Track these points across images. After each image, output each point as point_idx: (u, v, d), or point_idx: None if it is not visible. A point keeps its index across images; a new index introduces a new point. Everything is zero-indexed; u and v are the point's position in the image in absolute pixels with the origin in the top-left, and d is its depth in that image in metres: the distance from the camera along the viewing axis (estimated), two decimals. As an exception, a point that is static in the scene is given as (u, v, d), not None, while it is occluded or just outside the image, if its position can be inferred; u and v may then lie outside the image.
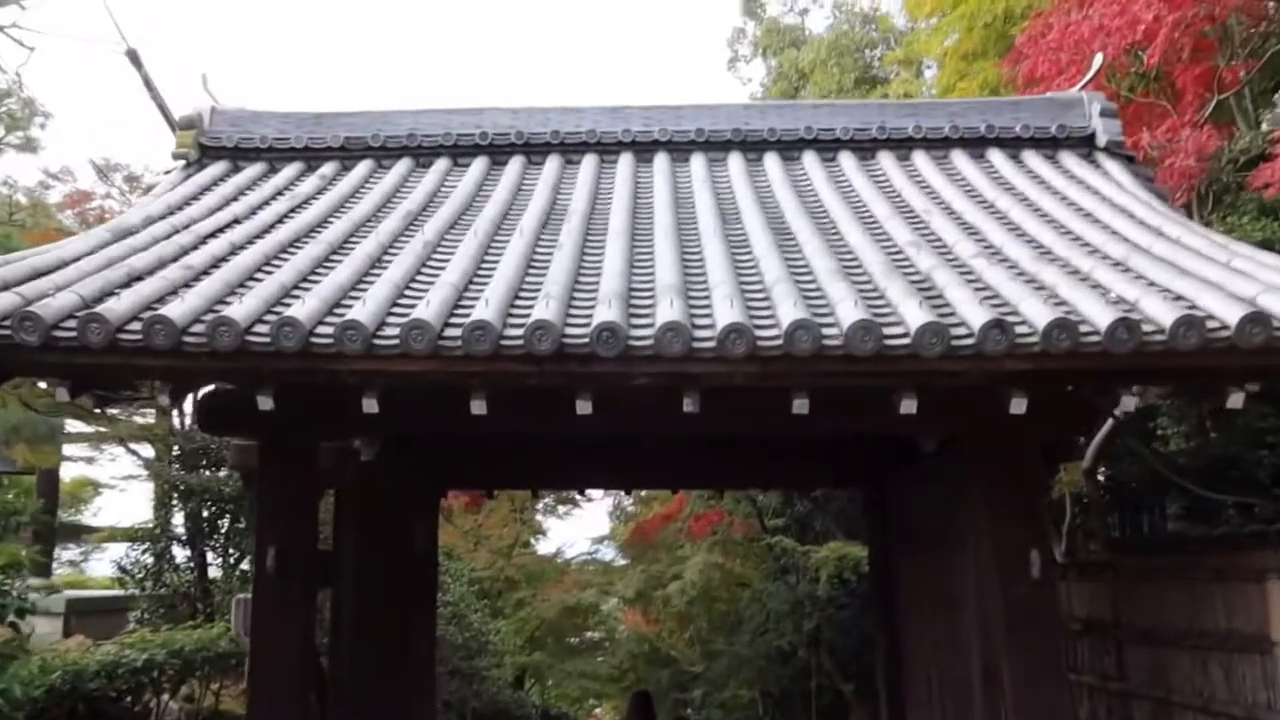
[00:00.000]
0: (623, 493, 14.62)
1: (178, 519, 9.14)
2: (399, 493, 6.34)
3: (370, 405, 3.97)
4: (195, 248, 4.79)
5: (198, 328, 3.74)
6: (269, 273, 4.49)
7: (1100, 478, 7.81)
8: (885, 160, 6.32)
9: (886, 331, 3.66)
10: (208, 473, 8.73)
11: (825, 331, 3.66)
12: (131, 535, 9.67)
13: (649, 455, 6.59)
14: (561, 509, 16.90)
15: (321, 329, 3.79)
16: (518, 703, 18.71)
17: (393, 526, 6.16)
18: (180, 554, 9.09)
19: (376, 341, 3.74)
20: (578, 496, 16.94)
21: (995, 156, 6.28)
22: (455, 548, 13.17)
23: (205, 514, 8.76)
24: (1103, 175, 5.97)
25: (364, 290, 4.15)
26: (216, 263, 4.57)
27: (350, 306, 3.94)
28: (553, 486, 7.53)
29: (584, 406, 3.94)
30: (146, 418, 11.20)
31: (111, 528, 12.36)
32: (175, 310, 3.78)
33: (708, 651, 16.95)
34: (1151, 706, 6.32)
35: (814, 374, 3.77)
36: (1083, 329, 3.68)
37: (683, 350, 3.63)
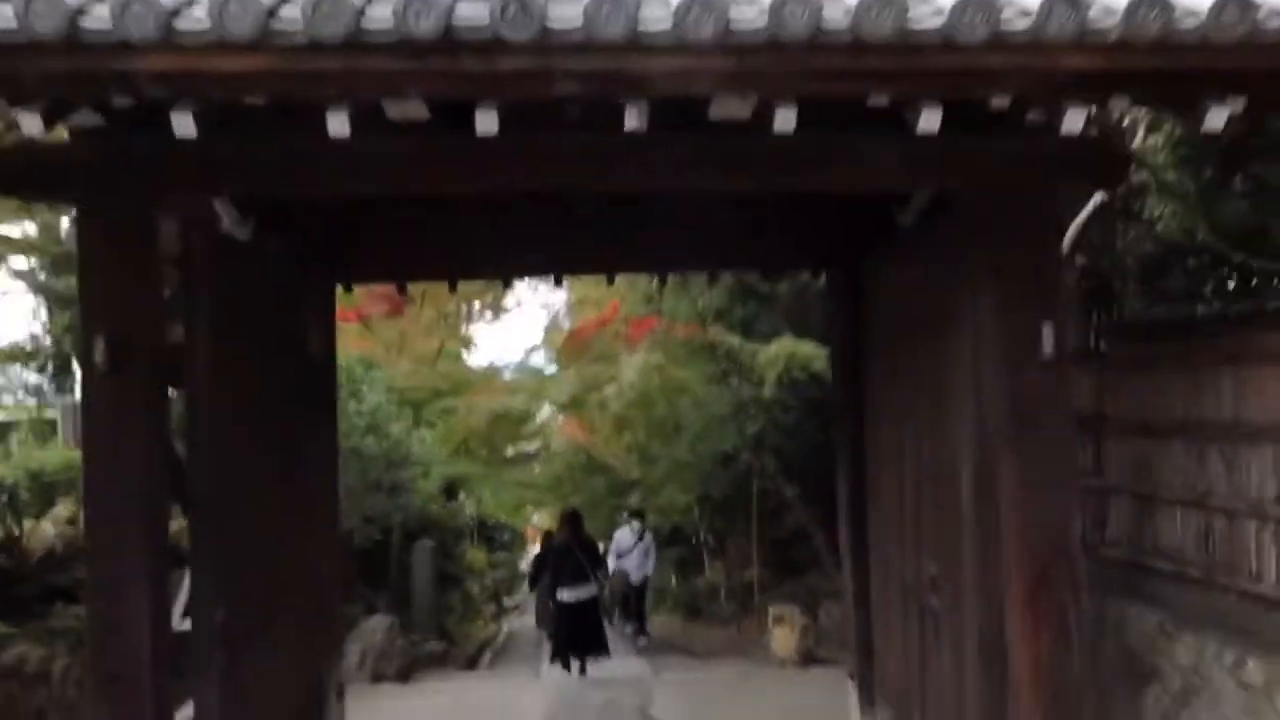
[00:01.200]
0: (556, 301, 13.78)
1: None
2: (283, 283, 5.24)
3: (184, 125, 2.82)
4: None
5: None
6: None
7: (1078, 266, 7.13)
8: None
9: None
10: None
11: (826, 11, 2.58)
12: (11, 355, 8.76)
13: (584, 235, 5.57)
14: (489, 315, 15.96)
15: (97, 9, 2.59)
16: (450, 514, 18.33)
17: (276, 324, 5.09)
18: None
19: (178, 25, 2.57)
20: (506, 300, 16.06)
21: None
22: (374, 357, 12.22)
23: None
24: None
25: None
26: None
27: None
28: (472, 275, 6.45)
29: (486, 123, 2.84)
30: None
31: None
32: None
33: (645, 458, 16.59)
34: (1133, 503, 5.78)
35: (806, 73, 2.71)
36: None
37: (625, 34, 2.53)
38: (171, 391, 4.24)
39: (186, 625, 4.17)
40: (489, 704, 7.56)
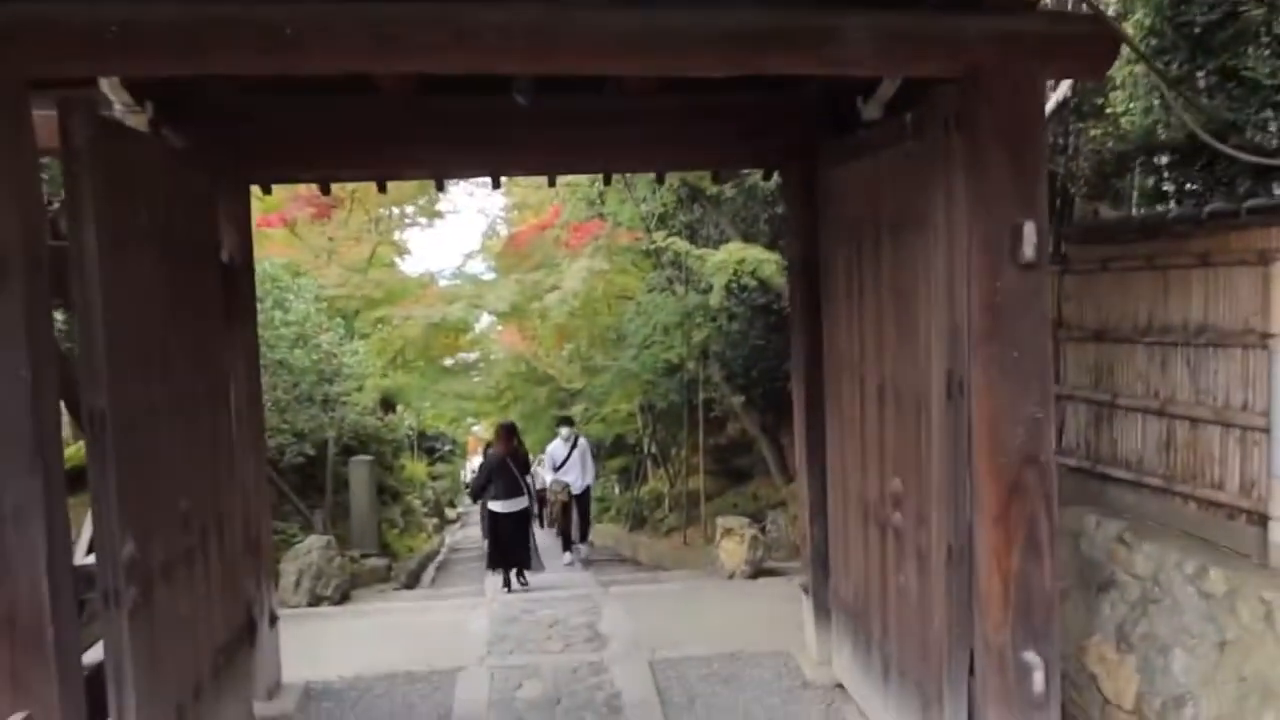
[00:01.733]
0: (493, 206, 13.16)
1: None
2: (188, 181, 4.71)
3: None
4: None
5: None
6: None
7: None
8: None
9: None
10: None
11: None
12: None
13: (523, 131, 5.12)
14: (423, 221, 15.25)
15: None
16: (389, 427, 17.91)
17: (182, 226, 4.58)
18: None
19: None
20: (440, 205, 15.36)
21: None
22: (301, 264, 11.58)
23: None
24: None
25: None
26: None
27: None
28: (401, 175, 5.91)
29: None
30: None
31: None
32: None
33: (588, 368, 16.31)
34: (1091, 410, 5.64)
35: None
36: None
37: None
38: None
39: (92, 560, 3.78)
40: (433, 624, 7.33)
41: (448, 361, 23.42)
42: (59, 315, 4.66)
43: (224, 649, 4.86)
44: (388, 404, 19.30)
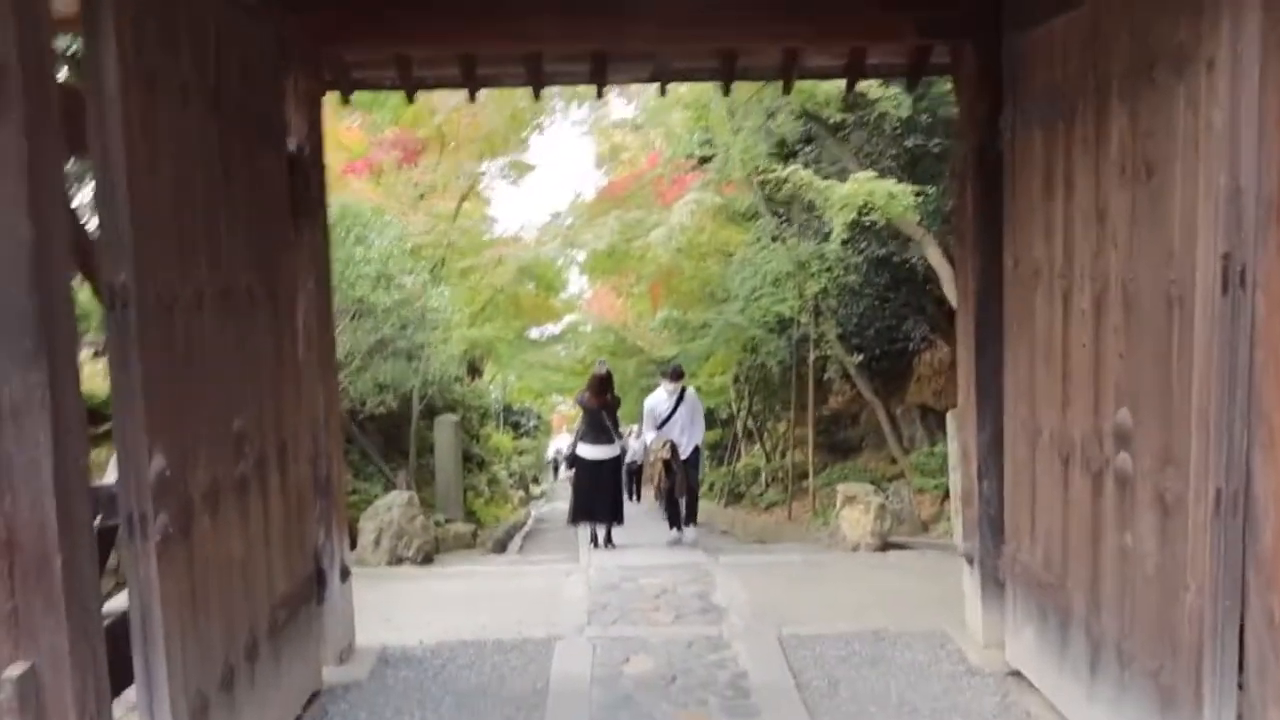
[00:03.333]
0: (584, 158, 12.30)
1: None
2: (251, 44, 3.95)
3: None
4: None
5: None
6: None
7: None
8: None
9: None
10: None
11: None
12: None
13: (629, 19, 4.26)
14: (512, 176, 14.46)
15: None
16: (475, 392, 17.32)
17: (240, 95, 3.82)
18: None
19: None
20: (529, 156, 14.53)
21: None
22: (386, 209, 10.91)
23: None
24: None
25: None
26: None
27: None
28: (494, 46, 5.02)
29: None
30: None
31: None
32: None
33: (683, 331, 15.42)
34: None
35: None
36: None
37: None
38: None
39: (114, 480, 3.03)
40: (525, 589, 6.54)
41: (534, 333, 22.83)
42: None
43: (286, 602, 4.11)
44: (474, 369, 18.76)
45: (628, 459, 10.38)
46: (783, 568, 7.18)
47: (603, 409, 8.78)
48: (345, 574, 4.89)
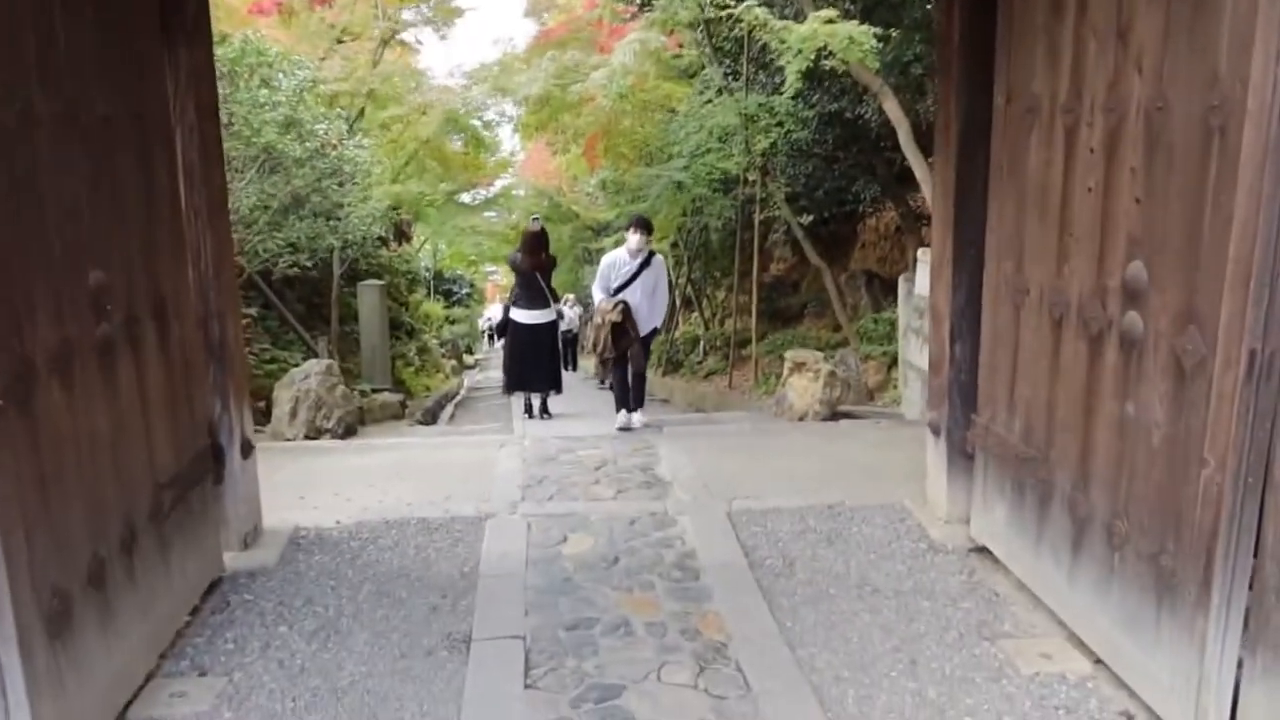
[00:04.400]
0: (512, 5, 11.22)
1: None
2: None
3: None
4: None
5: None
6: None
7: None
8: None
9: None
10: None
11: None
12: None
13: None
14: (438, 22, 13.26)
15: None
16: (402, 257, 16.51)
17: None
18: None
19: None
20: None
21: None
22: (297, 52, 9.84)
23: None
24: None
25: None
26: None
27: None
28: None
29: None
30: None
31: None
32: None
33: (620, 193, 14.71)
34: None
35: None
36: None
37: None
38: None
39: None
40: (454, 462, 6.09)
41: (465, 199, 21.81)
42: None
43: (174, 483, 3.57)
44: (401, 234, 17.84)
45: (563, 327, 9.86)
46: (730, 438, 6.83)
47: (537, 270, 8.18)
48: (247, 449, 4.34)
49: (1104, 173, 3.25)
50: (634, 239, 7.13)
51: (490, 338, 27.47)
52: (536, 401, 8.55)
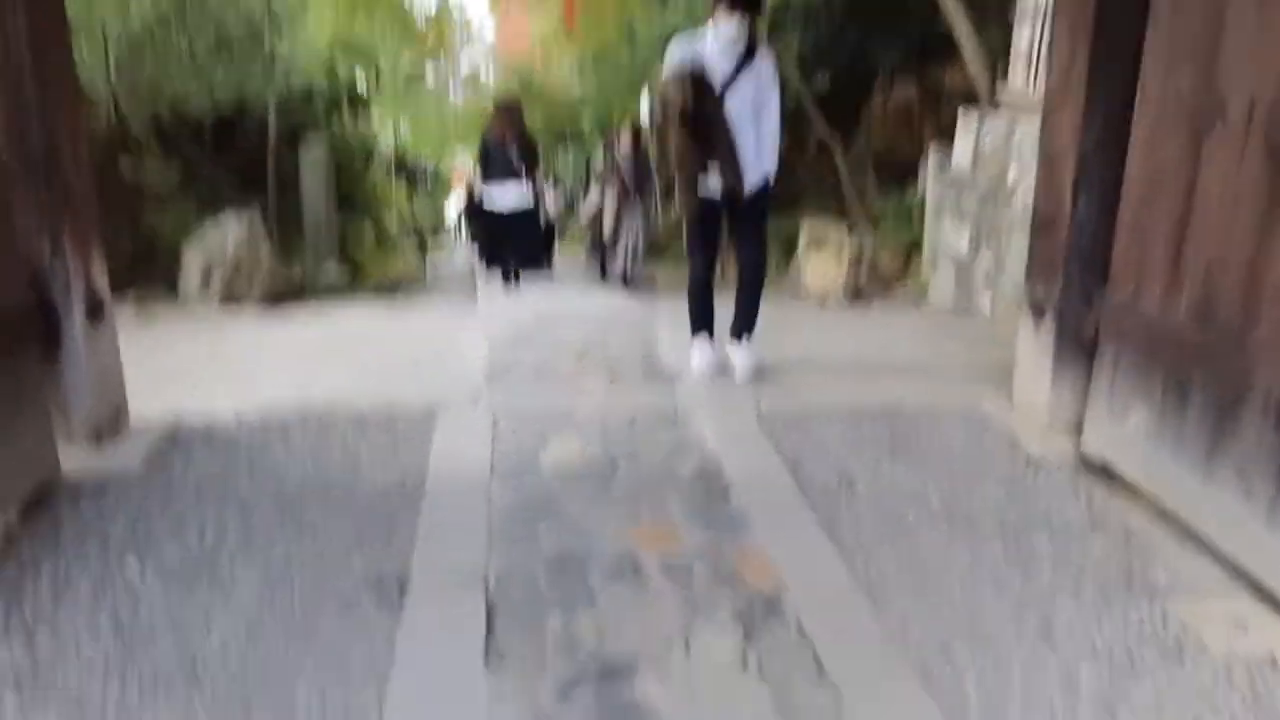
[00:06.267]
0: None
1: None
2: None
3: None
4: None
5: None
6: None
7: None
8: None
9: None
10: None
11: None
12: None
13: None
14: None
15: None
16: (362, 143, 15.03)
17: None
18: None
19: None
20: None
21: None
22: None
23: None
24: None
25: None
26: None
27: None
28: None
29: None
30: None
31: None
32: None
33: (600, 65, 13.23)
34: None
35: None
36: None
37: None
38: None
39: None
40: (403, 340, 4.89)
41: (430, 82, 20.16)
42: None
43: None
44: (354, 101, 16.20)
45: (549, 209, 8.56)
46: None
47: (513, 142, 6.98)
48: (97, 310, 3.10)
49: None
50: (727, 22, 3.92)
51: (459, 231, 26.05)
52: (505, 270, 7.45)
